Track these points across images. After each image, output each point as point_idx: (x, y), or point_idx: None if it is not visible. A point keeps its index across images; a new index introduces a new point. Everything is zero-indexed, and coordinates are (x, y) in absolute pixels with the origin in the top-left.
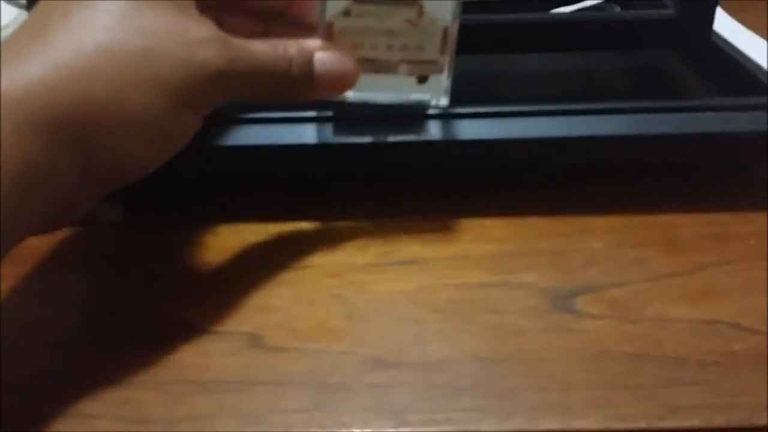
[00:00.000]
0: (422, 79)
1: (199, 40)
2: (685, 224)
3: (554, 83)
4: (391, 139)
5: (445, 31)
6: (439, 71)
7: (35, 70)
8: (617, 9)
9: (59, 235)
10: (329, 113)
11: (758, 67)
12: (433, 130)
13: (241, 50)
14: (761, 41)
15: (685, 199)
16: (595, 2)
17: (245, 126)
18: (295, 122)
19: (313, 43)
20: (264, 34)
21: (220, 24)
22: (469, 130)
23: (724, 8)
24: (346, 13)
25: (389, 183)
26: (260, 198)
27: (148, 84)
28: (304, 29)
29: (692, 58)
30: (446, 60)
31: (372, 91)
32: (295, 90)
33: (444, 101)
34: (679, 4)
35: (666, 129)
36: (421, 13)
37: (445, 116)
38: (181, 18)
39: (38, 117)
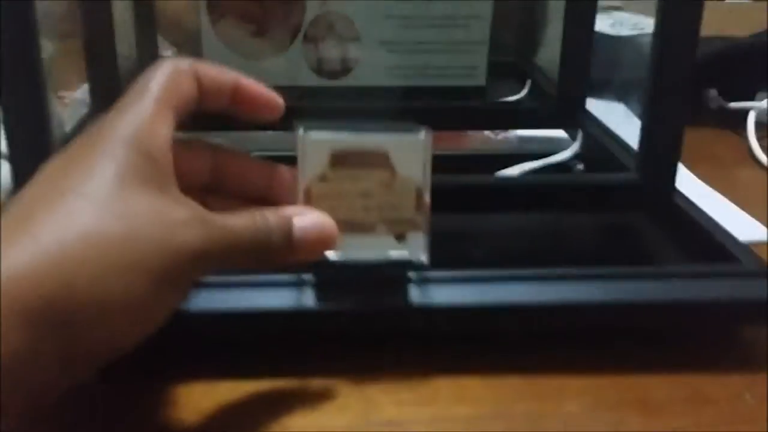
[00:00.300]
0: (400, 238)
1: (179, 221)
2: (660, 386)
3: (524, 243)
4: (371, 305)
5: (419, 190)
6: (416, 229)
7: (19, 261)
8: (580, 167)
9: None
10: (308, 278)
11: (720, 228)
12: (410, 296)
13: (221, 227)
14: (722, 200)
15: (658, 360)
16: (559, 159)
17: (222, 290)
18: (273, 287)
19: (291, 209)
20: None
21: (203, 204)
22: (444, 295)
23: (685, 164)
24: (322, 178)
25: (367, 340)
26: (237, 353)
27: (129, 268)
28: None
29: (656, 219)
30: (422, 218)
31: (352, 251)
32: (276, 257)
33: (423, 258)
34: (641, 167)
35: (636, 296)
36: (393, 174)
37: (421, 281)
38: (162, 200)
39: (22, 306)
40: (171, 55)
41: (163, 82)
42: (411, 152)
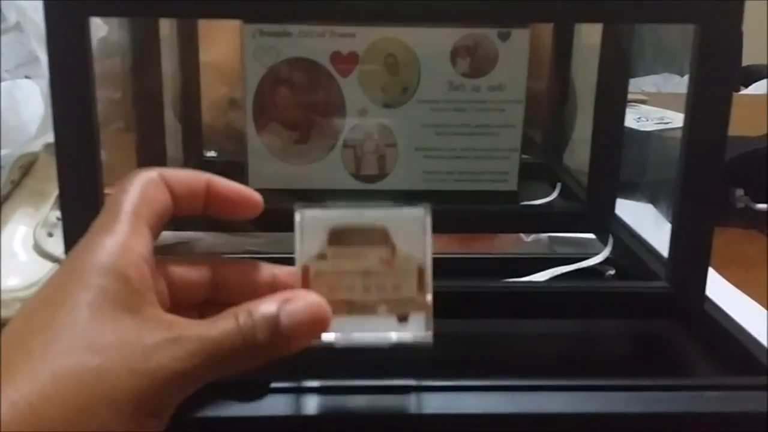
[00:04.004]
0: (402, 319)
1: (151, 345)
2: None
3: (552, 350)
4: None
5: (421, 268)
6: (419, 309)
7: None
8: (611, 271)
9: None
10: (309, 384)
11: (751, 338)
12: (432, 405)
13: (199, 340)
14: (752, 304)
15: None
16: (591, 263)
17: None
18: (274, 393)
19: (279, 295)
20: None
21: (200, 315)
22: (466, 405)
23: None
24: (321, 256)
25: None
26: None
27: (102, 404)
28: None
29: (686, 327)
30: (425, 298)
31: (353, 333)
32: (264, 353)
33: (428, 339)
34: (671, 277)
35: (664, 408)
36: (394, 252)
37: (439, 389)
38: (134, 324)
39: None
40: (214, 156)
41: (134, 198)
42: (411, 228)
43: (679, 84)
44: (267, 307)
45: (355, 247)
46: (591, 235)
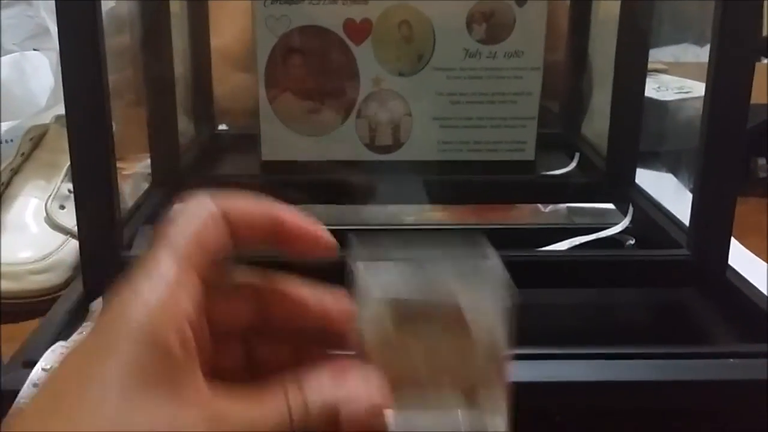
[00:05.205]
0: (472, 401)
1: (188, 429)
2: None
3: (573, 319)
4: None
5: (494, 345)
6: (491, 389)
7: None
8: (631, 241)
9: None
10: None
11: None
12: None
13: (239, 423)
14: None
15: None
16: (611, 233)
17: None
18: None
19: (335, 383)
20: (295, 359)
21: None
22: None
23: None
24: (385, 341)
25: None
26: None
27: None
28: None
29: (708, 296)
30: (499, 378)
31: (415, 417)
32: None
33: (502, 426)
34: (693, 245)
35: (685, 376)
36: (469, 336)
37: None
38: (172, 404)
39: None
40: (226, 129)
41: (186, 237)
42: (489, 309)
43: (698, 55)
44: (325, 400)
45: (423, 325)
46: (609, 206)
